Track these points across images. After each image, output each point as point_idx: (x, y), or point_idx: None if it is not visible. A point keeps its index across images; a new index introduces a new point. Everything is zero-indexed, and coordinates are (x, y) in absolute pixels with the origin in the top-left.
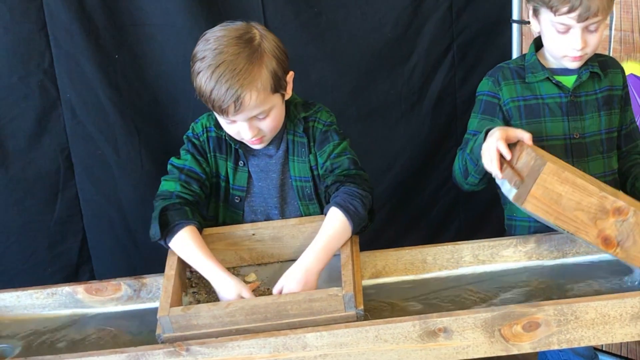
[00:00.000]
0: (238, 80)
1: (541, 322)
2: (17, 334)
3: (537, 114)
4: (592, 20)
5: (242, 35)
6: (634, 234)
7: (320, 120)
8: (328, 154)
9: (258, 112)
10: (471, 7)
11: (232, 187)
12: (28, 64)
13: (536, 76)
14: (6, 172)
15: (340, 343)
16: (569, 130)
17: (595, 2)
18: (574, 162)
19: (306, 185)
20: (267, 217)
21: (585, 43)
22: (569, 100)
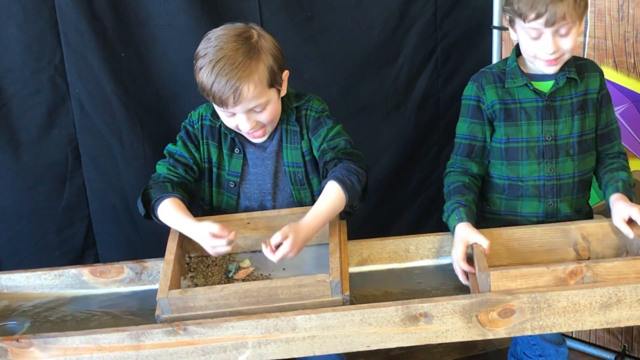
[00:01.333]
0: (237, 73)
1: (516, 309)
2: (26, 312)
3: (515, 118)
4: (561, 24)
5: (241, 33)
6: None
7: (312, 108)
8: (323, 137)
9: (255, 105)
10: (454, 13)
11: (228, 172)
12: (40, 60)
13: (515, 82)
14: (18, 160)
15: (328, 325)
16: (542, 132)
17: (560, 7)
18: (544, 163)
19: (298, 171)
20: (260, 203)
21: (557, 47)
22: (545, 105)
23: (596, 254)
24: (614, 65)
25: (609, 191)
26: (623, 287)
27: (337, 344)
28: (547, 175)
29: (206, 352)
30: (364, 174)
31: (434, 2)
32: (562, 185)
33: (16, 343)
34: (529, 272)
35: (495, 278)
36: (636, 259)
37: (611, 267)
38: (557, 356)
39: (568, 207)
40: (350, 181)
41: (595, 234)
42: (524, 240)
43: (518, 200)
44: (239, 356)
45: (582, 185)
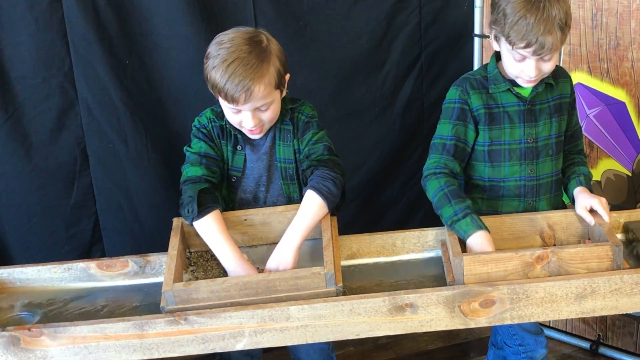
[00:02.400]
0: (250, 74)
1: (496, 300)
2: (37, 303)
3: (499, 121)
4: (546, 53)
5: (252, 37)
6: (561, 270)
7: (304, 113)
8: (307, 141)
9: (262, 104)
10: (437, 23)
11: (231, 168)
12: (50, 67)
13: (498, 87)
14: (30, 161)
15: (319, 315)
16: (524, 135)
17: (549, 40)
18: (526, 164)
19: (289, 167)
20: (254, 194)
21: (539, 71)
22: (526, 109)
23: (561, 240)
24: (588, 71)
25: (572, 184)
26: (597, 279)
27: (329, 332)
28: (528, 175)
29: (206, 340)
30: (340, 178)
31: (418, 12)
32: (541, 185)
33: (28, 332)
34: (499, 257)
35: (468, 262)
36: (597, 245)
37: (574, 252)
38: (536, 345)
39: (546, 205)
40: (326, 187)
41: (560, 223)
42: (495, 229)
43: (499, 200)
44: (237, 344)
45: (558, 183)
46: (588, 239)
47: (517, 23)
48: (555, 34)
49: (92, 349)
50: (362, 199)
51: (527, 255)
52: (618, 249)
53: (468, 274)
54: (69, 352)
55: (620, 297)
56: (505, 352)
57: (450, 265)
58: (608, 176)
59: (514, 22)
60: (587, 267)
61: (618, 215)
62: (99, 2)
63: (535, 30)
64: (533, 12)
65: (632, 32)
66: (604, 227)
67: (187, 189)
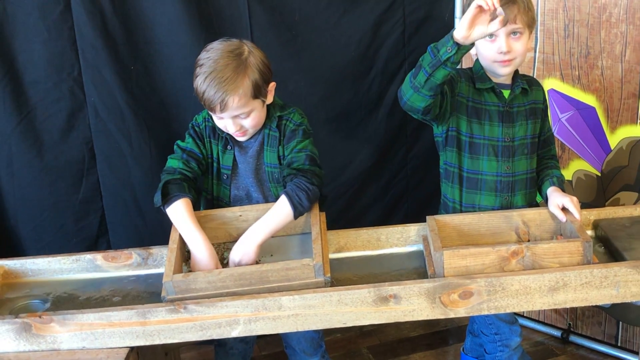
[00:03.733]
0: (223, 87)
1: (474, 292)
2: (47, 292)
3: (480, 116)
4: (513, 27)
5: (234, 50)
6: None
7: (292, 120)
8: (291, 149)
9: (239, 113)
10: (420, 32)
11: (222, 166)
12: (61, 72)
13: (484, 84)
14: (42, 160)
15: (309, 305)
16: (502, 134)
17: (512, 10)
18: (502, 161)
19: (275, 171)
20: (247, 192)
21: (509, 47)
22: (504, 110)
23: (535, 236)
24: (560, 77)
25: (546, 184)
26: (569, 273)
27: (317, 321)
28: (505, 172)
29: (203, 327)
30: (315, 190)
31: (402, 22)
32: (516, 181)
33: (39, 319)
34: (477, 252)
35: (448, 257)
36: (569, 241)
37: (547, 248)
38: (511, 334)
39: (521, 201)
40: (298, 197)
41: (534, 220)
42: (473, 225)
43: (477, 193)
44: (232, 331)
45: (532, 181)
46: (560, 235)
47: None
48: (517, 5)
49: (98, 335)
50: (349, 196)
51: (503, 250)
52: (588, 245)
53: (448, 267)
54: (76, 338)
55: (590, 290)
56: (482, 339)
57: (431, 259)
58: (579, 176)
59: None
60: (560, 261)
61: (588, 213)
62: (106, 12)
63: (501, 3)
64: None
65: (602, 41)
66: (575, 224)
67: (162, 178)
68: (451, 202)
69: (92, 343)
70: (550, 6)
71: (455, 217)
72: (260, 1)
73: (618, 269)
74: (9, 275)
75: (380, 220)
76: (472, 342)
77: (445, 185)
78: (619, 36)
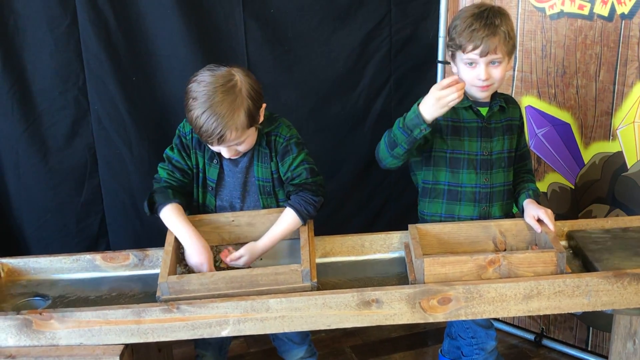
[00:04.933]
0: (220, 123)
1: (452, 298)
2: (48, 290)
3: (459, 133)
4: (493, 57)
5: (225, 83)
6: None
7: (281, 135)
8: (288, 166)
9: (235, 143)
10: (405, 50)
11: (207, 177)
12: (66, 82)
13: (462, 104)
14: (46, 164)
15: (295, 307)
16: (481, 148)
17: (493, 41)
18: (481, 174)
19: (267, 185)
20: (230, 204)
21: (488, 75)
22: (483, 126)
23: (511, 246)
24: (537, 95)
25: (522, 197)
26: (543, 282)
27: (303, 323)
28: (483, 183)
29: (195, 327)
30: (320, 201)
31: (388, 40)
32: (494, 193)
33: (39, 316)
34: (455, 260)
35: (428, 264)
36: (543, 251)
37: (523, 257)
38: (487, 338)
39: (498, 211)
40: (306, 210)
41: (511, 230)
42: (452, 234)
43: (456, 204)
44: (222, 331)
45: (509, 193)
46: (535, 245)
47: (465, 30)
48: (499, 37)
49: (95, 332)
50: (336, 203)
51: (480, 258)
52: (562, 255)
53: (428, 274)
54: (74, 335)
55: (562, 299)
56: (459, 342)
57: (412, 265)
58: (553, 188)
59: (463, 30)
60: (534, 270)
61: (562, 225)
62: (110, 26)
63: (481, 33)
64: (478, 20)
65: (577, 62)
66: (550, 235)
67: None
68: (429, 216)
69: (89, 340)
70: (529, 27)
71: (435, 225)
72: (255, 18)
73: (590, 279)
74: (12, 272)
75: (364, 227)
76: (450, 345)
77: (423, 203)
78: (594, 57)
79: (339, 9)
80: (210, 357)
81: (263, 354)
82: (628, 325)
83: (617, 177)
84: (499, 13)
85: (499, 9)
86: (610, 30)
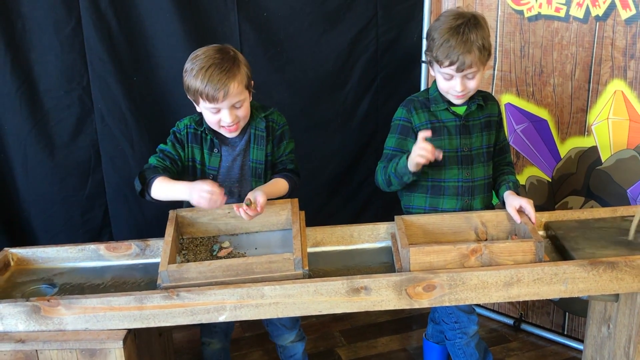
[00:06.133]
0: (225, 74)
1: (437, 285)
2: (55, 278)
3: (439, 134)
4: (469, 71)
5: (222, 48)
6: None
7: (277, 122)
8: (282, 151)
9: (237, 100)
10: (391, 51)
11: (208, 167)
12: (71, 82)
13: (438, 107)
14: (53, 159)
15: (289, 294)
16: (460, 145)
17: (469, 58)
18: (462, 169)
19: (259, 167)
20: (229, 190)
21: (464, 87)
22: (461, 124)
23: (492, 236)
24: (516, 93)
25: (502, 189)
26: (522, 270)
27: (296, 309)
28: (465, 178)
29: (194, 312)
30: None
31: (375, 41)
32: (475, 186)
33: (47, 302)
34: (440, 249)
35: (414, 253)
36: (523, 241)
37: (504, 246)
38: (469, 322)
39: (480, 204)
40: (293, 182)
41: (492, 221)
42: (437, 225)
43: (440, 198)
44: (219, 317)
45: (489, 186)
46: (515, 235)
47: (442, 45)
48: (474, 53)
49: (99, 318)
50: (325, 196)
51: (463, 248)
52: (540, 245)
53: (413, 262)
54: (80, 320)
55: (541, 286)
56: (442, 327)
57: (398, 254)
58: (531, 181)
59: (439, 45)
60: (514, 259)
61: (540, 215)
62: (112, 29)
63: (457, 50)
64: (454, 36)
65: (554, 62)
66: (529, 225)
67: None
68: (414, 209)
69: (94, 325)
70: (508, 29)
71: (420, 217)
72: (249, 21)
73: (567, 267)
74: (21, 261)
75: (353, 218)
76: (434, 329)
77: (407, 197)
78: (570, 57)
79: (328, 12)
80: (216, 343)
81: (257, 338)
82: (603, 310)
83: (592, 171)
84: (474, 26)
85: (474, 21)
86: (585, 32)
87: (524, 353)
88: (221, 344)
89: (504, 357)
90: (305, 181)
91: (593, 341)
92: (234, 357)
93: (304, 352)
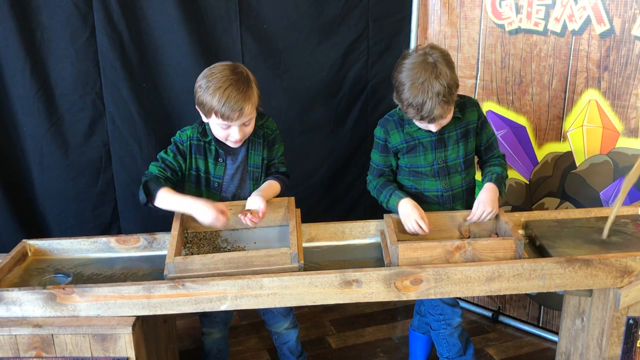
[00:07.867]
0: (242, 97)
1: (423, 279)
2: (69, 268)
3: (415, 151)
4: (441, 121)
5: (235, 69)
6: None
7: (270, 128)
8: (274, 155)
9: (247, 119)
10: (381, 61)
11: (213, 176)
12: (85, 87)
13: (412, 127)
14: (67, 158)
15: (286, 286)
16: (436, 158)
17: (439, 111)
18: (440, 180)
19: (257, 171)
20: (233, 194)
21: (438, 127)
22: (436, 138)
23: (474, 234)
24: (497, 101)
25: (485, 180)
26: (503, 265)
27: (292, 299)
28: (444, 187)
29: (198, 301)
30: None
31: (366, 52)
32: (455, 194)
33: (62, 290)
34: (426, 246)
35: (402, 249)
36: (504, 238)
37: (486, 244)
38: (453, 314)
39: (461, 207)
40: (284, 183)
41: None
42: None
43: (423, 205)
44: (221, 306)
45: (469, 190)
46: (495, 234)
47: (411, 102)
48: (442, 107)
49: (110, 305)
50: (318, 195)
51: (448, 245)
52: (520, 242)
53: (402, 257)
54: (93, 307)
55: (520, 281)
56: (428, 319)
57: (387, 250)
58: (510, 183)
59: (408, 101)
60: (495, 256)
61: (520, 215)
62: (124, 39)
63: (427, 107)
64: (422, 94)
65: (533, 72)
66: (509, 224)
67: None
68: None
69: (105, 312)
70: (490, 42)
71: None
72: (251, 32)
73: (545, 263)
74: (38, 252)
75: (343, 215)
76: (419, 321)
77: None
78: (547, 68)
79: (323, 24)
80: (217, 332)
81: (253, 326)
82: (577, 304)
83: (567, 174)
84: (440, 74)
85: (435, 68)
86: (562, 45)
87: (502, 343)
88: (221, 334)
89: (483, 347)
90: (300, 181)
91: (567, 333)
92: (232, 343)
93: (297, 339)
